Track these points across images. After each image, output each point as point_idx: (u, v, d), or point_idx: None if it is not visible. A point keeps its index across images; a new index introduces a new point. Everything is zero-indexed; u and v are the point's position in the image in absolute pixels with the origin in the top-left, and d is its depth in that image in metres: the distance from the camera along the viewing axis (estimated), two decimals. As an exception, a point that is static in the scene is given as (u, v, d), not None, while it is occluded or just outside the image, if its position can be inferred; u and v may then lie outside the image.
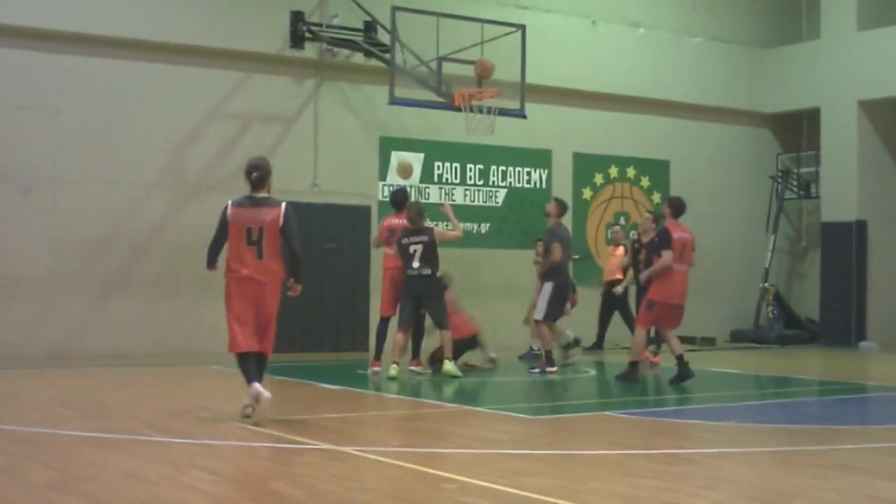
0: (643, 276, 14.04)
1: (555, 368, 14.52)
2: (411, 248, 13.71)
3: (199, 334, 16.37)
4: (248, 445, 8.64)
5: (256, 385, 9.40)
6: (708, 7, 22.88)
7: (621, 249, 18.16)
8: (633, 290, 17.01)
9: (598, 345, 18.54)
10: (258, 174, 9.91)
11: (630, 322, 18.32)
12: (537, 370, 14.58)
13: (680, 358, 13.60)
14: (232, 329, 9.75)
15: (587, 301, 18.68)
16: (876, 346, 20.56)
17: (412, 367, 14.25)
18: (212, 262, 9.97)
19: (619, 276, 17.82)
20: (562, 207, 15.05)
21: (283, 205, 9.84)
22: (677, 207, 13.91)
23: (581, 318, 17.97)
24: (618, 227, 19.02)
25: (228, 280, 9.75)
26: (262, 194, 9.88)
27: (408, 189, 16.15)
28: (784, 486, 7.20)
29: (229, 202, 9.91)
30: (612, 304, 18.09)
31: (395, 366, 13.49)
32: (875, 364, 17.86)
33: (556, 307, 14.56)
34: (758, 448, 8.87)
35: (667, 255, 13.37)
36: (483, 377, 14.15)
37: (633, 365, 13.61)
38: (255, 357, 9.76)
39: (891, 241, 21.44)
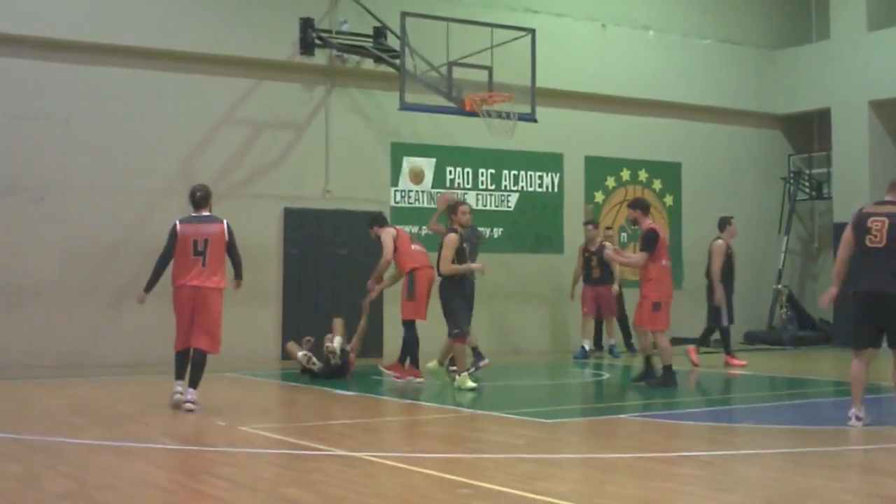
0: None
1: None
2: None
3: None
4: (262, 452, 8.64)
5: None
6: (717, 9, 22.85)
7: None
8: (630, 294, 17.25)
9: (600, 346, 18.97)
10: (201, 194, 11.48)
11: (626, 326, 18.84)
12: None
13: (648, 359, 13.76)
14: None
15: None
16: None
17: (414, 378, 13.81)
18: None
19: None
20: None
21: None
22: (647, 206, 13.89)
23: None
24: (611, 231, 19.73)
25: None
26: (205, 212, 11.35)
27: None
28: (799, 488, 7.18)
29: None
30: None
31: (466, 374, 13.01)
32: (888, 365, 17.69)
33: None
34: (772, 450, 8.84)
35: (641, 257, 13.49)
36: (496, 381, 14.10)
37: (668, 369, 13.51)
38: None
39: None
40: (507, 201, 19.84)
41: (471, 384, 12.72)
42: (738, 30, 23.00)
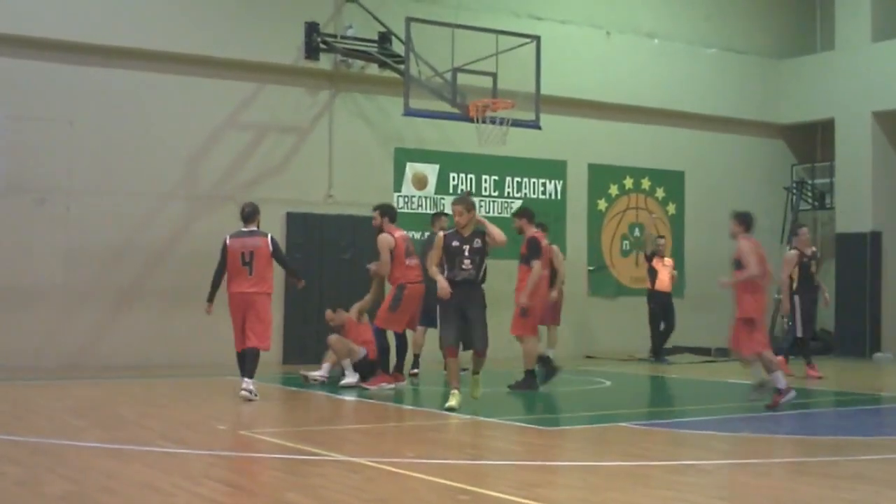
0: (523, 295, 13.63)
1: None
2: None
3: (215, 345, 16.34)
4: (263, 456, 8.64)
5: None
6: (722, 18, 22.87)
7: (671, 261, 19.03)
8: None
9: (658, 354, 19.09)
10: (249, 210, 12.94)
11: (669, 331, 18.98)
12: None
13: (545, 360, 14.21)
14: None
15: (600, 312, 18.66)
16: (891, 356, 20.48)
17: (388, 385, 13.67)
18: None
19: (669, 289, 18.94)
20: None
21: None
22: (532, 215, 14.26)
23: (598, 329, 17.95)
24: (662, 240, 19.64)
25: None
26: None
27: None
28: (799, 497, 7.17)
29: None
30: (664, 314, 18.98)
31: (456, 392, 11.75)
32: (890, 375, 17.79)
33: None
34: (773, 459, 8.85)
35: (537, 265, 13.61)
36: (497, 388, 14.08)
37: (530, 373, 13.73)
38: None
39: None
40: (510, 208, 19.82)
41: (450, 403, 11.43)
42: (742, 39, 23.02)
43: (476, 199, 19.42)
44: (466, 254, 11.70)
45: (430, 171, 18.90)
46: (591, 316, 20.65)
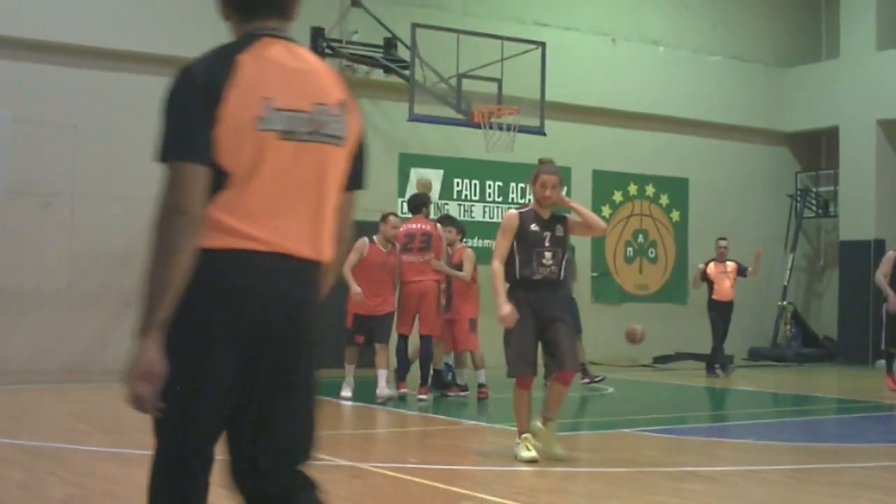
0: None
1: None
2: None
3: None
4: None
5: None
6: (728, 26, 22.88)
7: (733, 265, 17.69)
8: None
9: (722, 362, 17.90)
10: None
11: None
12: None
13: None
14: None
15: (604, 318, 18.64)
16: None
17: (421, 396, 13.18)
18: None
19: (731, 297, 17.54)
20: None
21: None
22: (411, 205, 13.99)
23: (595, 337, 17.95)
24: (724, 242, 18.09)
25: None
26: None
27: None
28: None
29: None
30: (726, 322, 17.67)
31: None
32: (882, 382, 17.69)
33: None
34: (776, 466, 8.85)
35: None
36: (502, 393, 14.06)
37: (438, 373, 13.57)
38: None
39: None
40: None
41: (527, 454, 8.64)
42: (747, 47, 23.04)
43: (480, 205, 19.48)
44: (547, 243, 8.71)
45: (435, 176, 18.90)
46: (595, 322, 20.63)
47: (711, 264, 17.72)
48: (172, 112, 3.40)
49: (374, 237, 12.90)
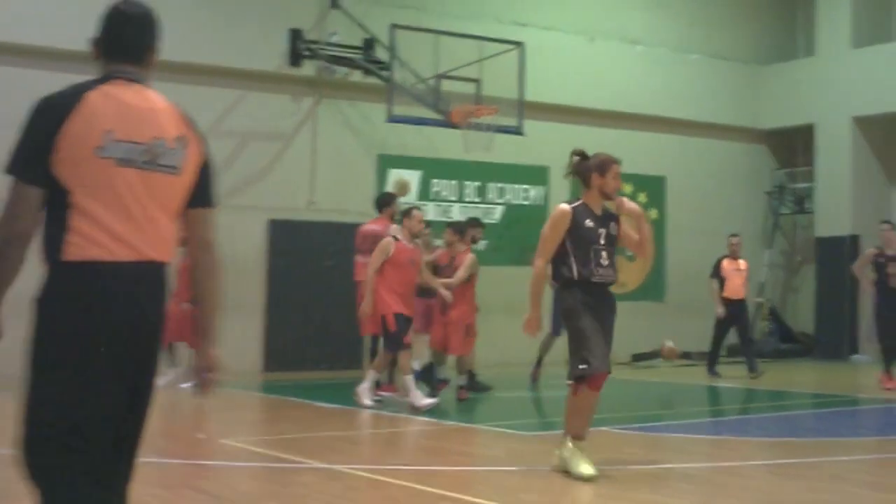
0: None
1: None
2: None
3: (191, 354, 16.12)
4: (242, 465, 8.65)
5: None
6: (705, 25, 22.97)
7: (745, 263, 17.37)
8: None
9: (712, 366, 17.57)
10: None
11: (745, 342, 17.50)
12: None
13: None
14: None
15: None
16: (869, 358, 20.57)
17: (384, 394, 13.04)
18: None
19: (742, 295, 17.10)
20: None
21: None
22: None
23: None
24: (736, 238, 17.75)
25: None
26: None
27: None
28: (779, 499, 7.25)
29: None
30: (733, 324, 17.27)
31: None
32: (867, 376, 17.83)
33: None
34: (753, 461, 8.92)
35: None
36: (481, 393, 14.09)
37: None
38: None
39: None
40: (493, 214, 19.90)
41: (587, 470, 7.85)
42: (725, 45, 23.13)
43: (458, 206, 19.50)
44: (603, 241, 8.00)
45: (413, 177, 18.92)
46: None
47: (725, 261, 17.40)
48: (23, 134, 3.87)
49: (398, 235, 12.30)
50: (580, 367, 7.78)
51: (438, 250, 13.77)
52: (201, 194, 4.33)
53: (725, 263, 17.37)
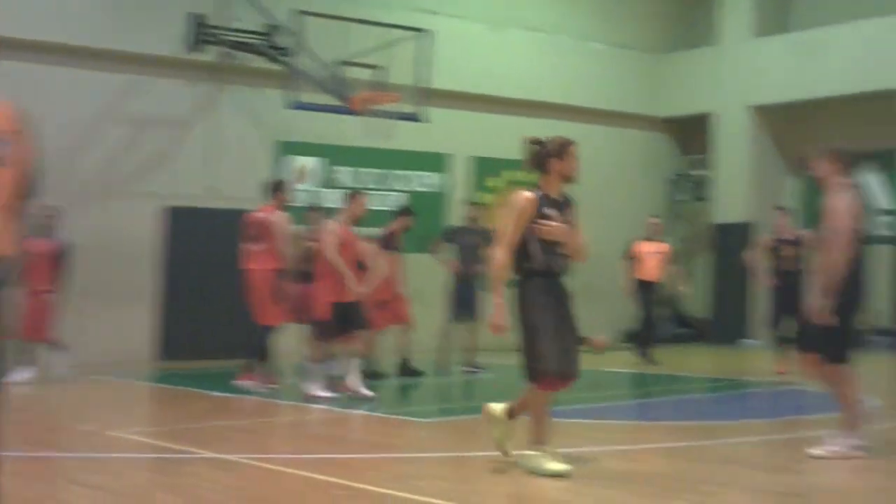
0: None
1: None
2: None
3: (80, 344, 15.62)
4: (131, 457, 8.51)
5: None
6: (608, 13, 23.13)
7: (666, 245, 17.34)
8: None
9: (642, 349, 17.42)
10: None
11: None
12: None
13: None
14: None
15: (484, 304, 18.70)
16: (759, 343, 20.94)
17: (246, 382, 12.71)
18: None
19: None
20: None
21: None
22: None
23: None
24: (656, 220, 17.76)
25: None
26: None
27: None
28: (672, 481, 7.34)
29: None
30: (648, 304, 17.15)
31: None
32: (758, 360, 18.15)
33: None
34: (647, 445, 9.03)
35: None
36: (377, 381, 14.07)
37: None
38: None
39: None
40: (394, 201, 19.85)
41: (557, 466, 7.50)
42: (627, 34, 23.32)
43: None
44: None
45: (314, 164, 18.81)
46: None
47: (642, 243, 17.39)
48: None
49: (341, 218, 12.28)
50: (535, 366, 7.56)
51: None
52: (26, 186, 4.59)
53: (643, 245, 17.35)
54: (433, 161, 20.37)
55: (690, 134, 24.00)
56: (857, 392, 8.25)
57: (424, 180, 20.32)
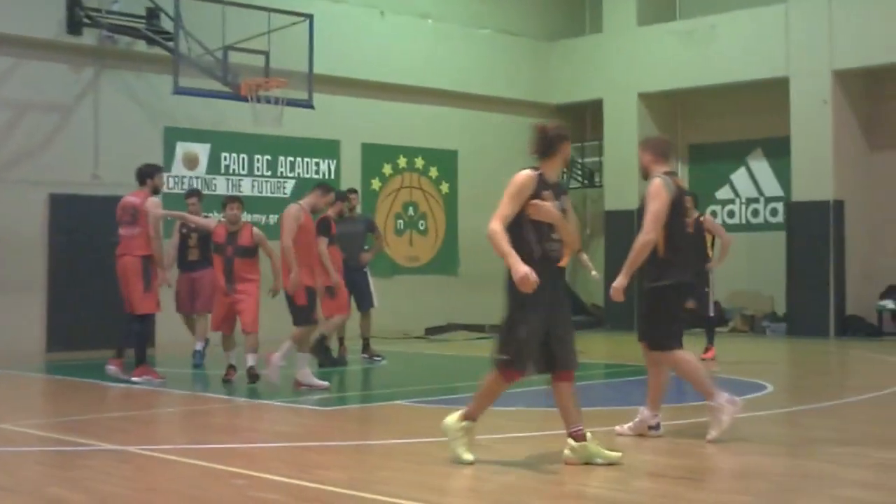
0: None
1: None
2: None
3: None
4: (21, 450, 8.24)
5: None
6: (496, 0, 23.19)
7: None
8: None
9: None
10: None
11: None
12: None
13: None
14: None
15: (378, 290, 18.70)
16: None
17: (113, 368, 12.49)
18: None
19: None
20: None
21: None
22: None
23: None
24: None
25: None
26: None
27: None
28: (578, 468, 7.30)
29: None
30: None
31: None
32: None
33: None
34: (547, 431, 8.99)
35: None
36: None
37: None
38: None
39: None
40: (284, 188, 19.62)
41: (465, 454, 7.51)
42: (515, 21, 23.40)
43: (249, 180, 19.16)
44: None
45: (202, 150, 18.45)
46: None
47: None
48: None
49: (304, 203, 12.19)
50: (503, 357, 7.40)
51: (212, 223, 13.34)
52: None
53: None
54: (323, 147, 20.19)
55: (580, 120, 24.19)
56: (666, 379, 8.63)
57: (314, 167, 20.11)
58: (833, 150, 19.91)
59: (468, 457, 7.40)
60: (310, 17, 16.98)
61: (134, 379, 12.28)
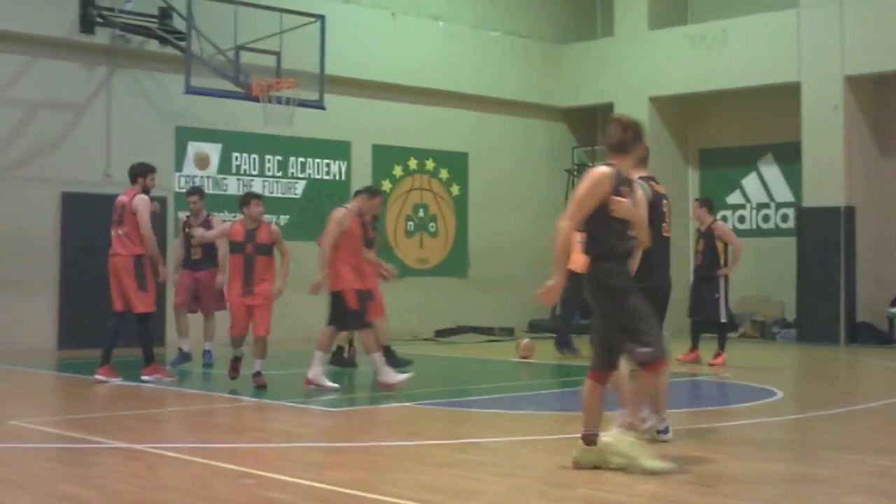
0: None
1: None
2: None
3: None
4: (34, 447, 8.26)
5: None
6: (506, 2, 23.19)
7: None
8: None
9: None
10: None
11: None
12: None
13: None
14: None
15: (385, 293, 18.66)
16: (668, 333, 21.22)
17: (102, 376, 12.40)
18: None
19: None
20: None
21: None
22: None
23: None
24: None
25: None
26: None
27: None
28: (584, 471, 7.30)
29: None
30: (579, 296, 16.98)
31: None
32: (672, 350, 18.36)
33: None
34: (555, 435, 9.00)
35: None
36: (283, 370, 13.92)
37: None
38: None
39: (677, 231, 22.14)
40: (294, 189, 19.65)
41: (656, 464, 7.22)
42: (526, 23, 23.40)
43: (260, 180, 19.18)
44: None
45: (213, 150, 18.48)
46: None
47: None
48: None
49: (351, 207, 12.35)
50: (646, 350, 7.23)
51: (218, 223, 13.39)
52: None
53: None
54: (334, 148, 20.21)
55: (589, 124, 24.18)
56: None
57: (325, 168, 20.13)
58: (844, 156, 19.88)
59: (662, 464, 7.16)
60: (321, 17, 17.01)
61: (144, 378, 12.31)
